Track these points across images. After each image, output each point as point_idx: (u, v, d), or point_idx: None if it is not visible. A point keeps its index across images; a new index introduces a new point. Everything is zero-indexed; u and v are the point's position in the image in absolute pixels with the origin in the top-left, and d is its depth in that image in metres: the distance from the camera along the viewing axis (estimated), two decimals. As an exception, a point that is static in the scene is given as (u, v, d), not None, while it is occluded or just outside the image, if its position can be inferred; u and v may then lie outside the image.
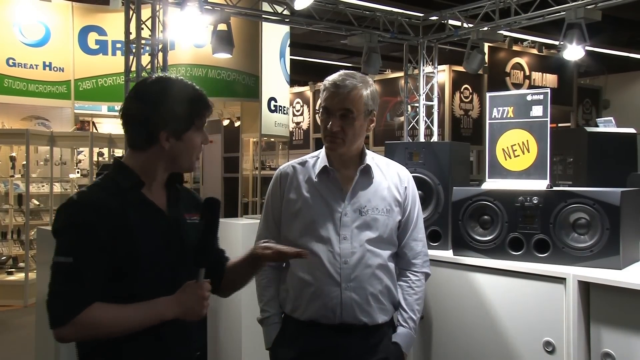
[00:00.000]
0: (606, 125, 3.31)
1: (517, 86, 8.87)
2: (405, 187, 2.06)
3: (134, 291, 1.47)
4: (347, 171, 2.00)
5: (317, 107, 1.86)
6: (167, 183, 1.62)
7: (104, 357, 1.49)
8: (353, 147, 1.97)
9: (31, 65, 7.50)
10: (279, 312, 2.04)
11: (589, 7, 5.79)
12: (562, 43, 6.09)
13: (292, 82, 9.27)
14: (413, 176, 2.15)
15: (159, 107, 1.52)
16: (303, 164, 2.06)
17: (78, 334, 1.42)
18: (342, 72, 1.96)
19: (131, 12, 5.16)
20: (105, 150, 7.70)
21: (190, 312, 1.50)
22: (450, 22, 7.17)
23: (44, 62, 7.58)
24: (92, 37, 7.83)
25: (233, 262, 1.75)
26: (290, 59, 8.39)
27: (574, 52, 6.07)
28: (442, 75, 8.17)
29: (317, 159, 2.04)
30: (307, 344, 1.94)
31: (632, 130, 3.23)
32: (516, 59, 8.96)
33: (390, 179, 2.04)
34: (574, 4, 5.88)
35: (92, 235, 1.42)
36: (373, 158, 2.06)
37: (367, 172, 2.00)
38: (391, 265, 2.02)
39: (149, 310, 1.46)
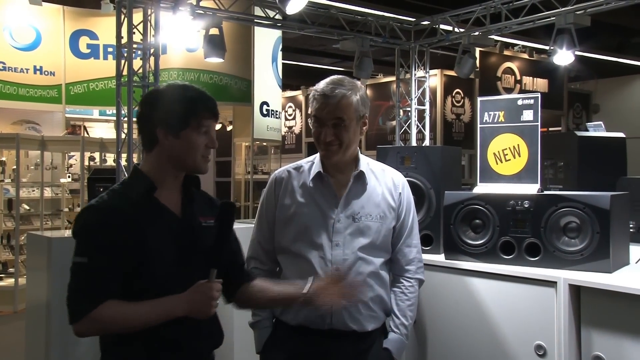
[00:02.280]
0: (596, 130, 3.33)
1: (508, 90, 8.92)
2: (400, 193, 2.05)
3: (146, 290, 1.56)
4: (341, 177, 1.99)
5: (308, 112, 1.88)
6: (183, 187, 1.70)
7: (123, 347, 1.58)
8: (348, 152, 1.96)
9: (22, 69, 7.46)
10: (270, 316, 2.04)
11: (578, 12, 5.84)
12: (552, 48, 6.13)
13: (284, 87, 9.26)
14: (405, 180, 2.15)
15: (156, 106, 1.64)
16: (298, 168, 2.05)
17: (93, 329, 1.53)
18: (330, 79, 1.94)
19: (122, 16, 5.13)
20: (96, 155, 7.64)
21: (198, 311, 1.57)
22: (442, 26, 7.20)
23: (35, 66, 7.55)
24: (84, 41, 7.80)
25: (268, 287, 1.80)
26: (283, 63, 8.39)
27: (564, 57, 6.11)
28: (434, 79, 8.20)
29: (312, 164, 2.03)
30: (297, 348, 1.94)
31: (621, 135, 3.26)
32: (507, 64, 9.02)
33: (385, 185, 2.03)
34: (563, 9, 5.92)
35: (104, 237, 1.52)
36: (368, 164, 2.04)
37: (361, 178, 2.00)
38: (383, 273, 2.01)
39: (159, 308, 1.55)
